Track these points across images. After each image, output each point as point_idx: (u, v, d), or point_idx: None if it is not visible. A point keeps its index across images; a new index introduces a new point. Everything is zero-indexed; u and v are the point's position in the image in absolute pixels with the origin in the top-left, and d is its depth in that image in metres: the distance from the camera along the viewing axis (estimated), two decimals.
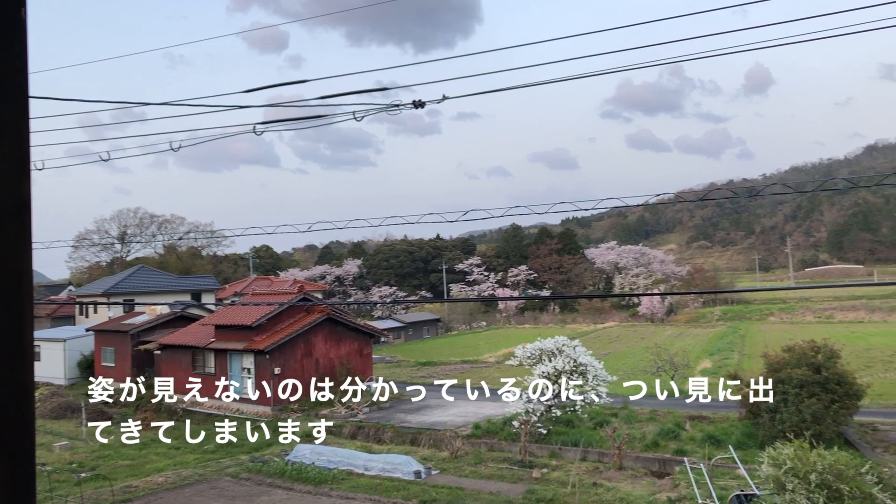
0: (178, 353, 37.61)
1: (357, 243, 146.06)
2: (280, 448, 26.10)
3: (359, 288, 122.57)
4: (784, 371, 21.56)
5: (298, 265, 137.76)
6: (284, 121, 11.09)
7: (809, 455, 12.77)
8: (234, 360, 35.15)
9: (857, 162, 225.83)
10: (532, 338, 30.65)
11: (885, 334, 59.33)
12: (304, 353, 35.30)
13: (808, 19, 8.10)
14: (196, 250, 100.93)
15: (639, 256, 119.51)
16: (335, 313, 37.96)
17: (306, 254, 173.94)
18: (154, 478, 22.52)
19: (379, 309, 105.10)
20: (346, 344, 37.68)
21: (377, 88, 10.32)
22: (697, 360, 48.33)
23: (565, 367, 26.48)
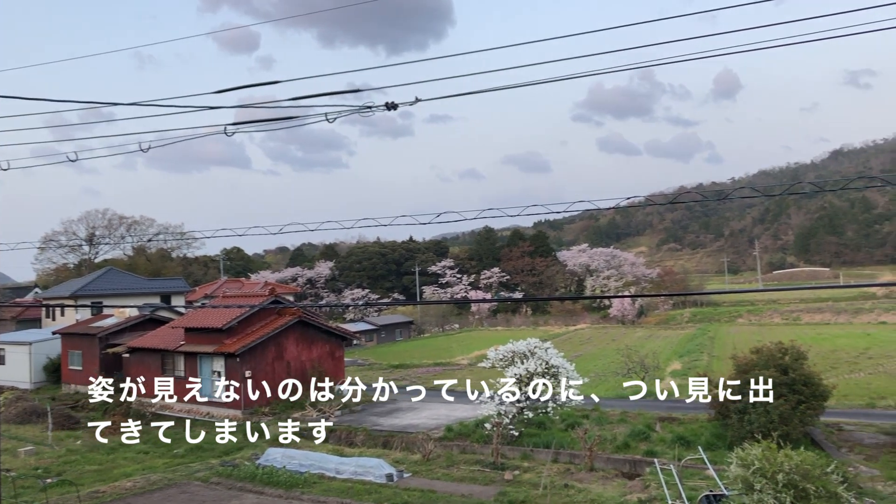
0: (148, 357, 37.15)
1: (329, 245, 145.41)
2: (251, 451, 25.89)
3: (331, 290, 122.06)
4: (752, 372, 21.81)
5: (270, 267, 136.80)
6: (256, 122, 11.02)
7: (777, 455, 12.94)
8: (205, 363, 34.80)
9: (823, 166, 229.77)
10: (504, 340, 30.75)
11: (849, 336, 60.39)
12: (276, 355, 35.05)
13: (774, 25, 8.23)
14: (166, 252, 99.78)
15: (610, 259, 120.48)
16: (307, 316, 37.74)
17: (278, 256, 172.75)
18: (122, 483, 22.20)
19: (351, 311, 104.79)
20: (317, 347, 37.48)
21: (349, 90, 10.29)
22: (667, 361, 48.78)
23: (537, 369, 26.59)
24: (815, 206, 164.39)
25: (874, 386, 34.91)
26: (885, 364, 41.89)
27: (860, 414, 28.19)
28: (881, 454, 21.25)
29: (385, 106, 9.98)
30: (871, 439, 23.31)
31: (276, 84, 10.40)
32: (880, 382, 35.97)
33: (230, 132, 10.86)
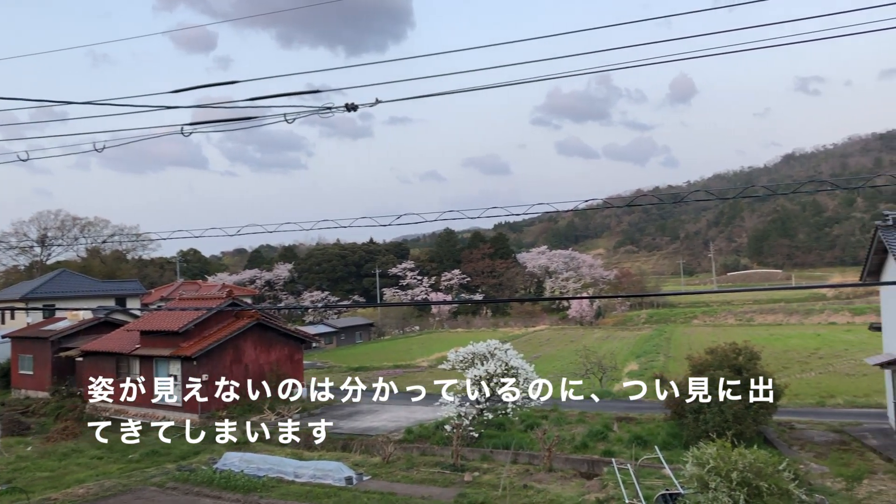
0: (102, 360, 36.43)
1: (288, 247, 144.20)
2: (208, 456, 25.56)
3: (290, 292, 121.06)
4: (707, 372, 22.19)
5: (227, 269, 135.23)
6: (213, 122, 10.90)
7: (731, 454, 13.19)
8: (161, 366, 34.25)
9: (776, 170, 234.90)
10: (465, 342, 30.83)
11: (801, 336, 61.81)
12: (233, 359, 34.65)
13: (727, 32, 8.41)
14: (121, 254, 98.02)
15: (568, 261, 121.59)
16: (265, 318, 37.37)
17: (235, 258, 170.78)
18: (75, 489, 21.72)
19: (310, 314, 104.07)
20: (276, 349, 37.15)
21: (309, 91, 10.24)
22: (625, 362, 49.39)
23: (497, 370, 26.71)
24: (767, 209, 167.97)
25: (824, 385, 35.79)
26: (834, 364, 42.96)
27: (811, 412, 28.87)
28: (830, 451, 21.79)
29: (345, 107, 9.96)
30: (821, 437, 23.89)
31: (235, 84, 10.31)
32: (830, 381, 36.89)
33: (187, 132, 10.73)
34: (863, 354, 36.52)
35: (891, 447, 21.65)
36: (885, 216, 22.12)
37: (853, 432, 24.15)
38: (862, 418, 26.79)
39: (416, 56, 11.01)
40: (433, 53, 12.73)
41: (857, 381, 36.13)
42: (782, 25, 8.22)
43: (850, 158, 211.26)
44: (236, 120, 10.73)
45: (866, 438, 23.09)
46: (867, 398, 31.04)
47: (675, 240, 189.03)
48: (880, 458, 20.60)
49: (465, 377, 27.17)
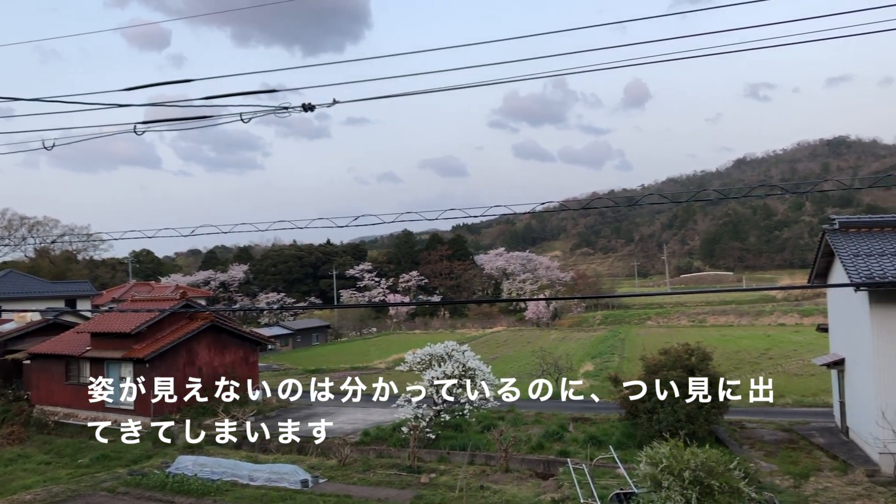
0: (51, 363, 35.56)
1: (244, 248, 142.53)
2: (160, 459, 25.13)
3: (245, 294, 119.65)
4: (660, 373, 22.52)
5: (181, 270, 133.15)
6: (167, 121, 10.74)
7: (684, 453, 13.41)
8: (112, 369, 33.56)
9: (727, 174, 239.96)
10: (422, 343, 30.82)
11: (752, 337, 63.11)
12: (187, 361, 34.12)
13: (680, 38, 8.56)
14: (71, 254, 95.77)
15: (526, 262, 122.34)
16: (220, 320, 36.88)
17: (189, 258, 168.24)
18: (21, 496, 21.16)
19: (266, 315, 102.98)
20: (231, 352, 36.69)
21: (265, 90, 10.14)
22: (580, 363, 49.86)
23: (455, 372, 26.76)
24: (719, 212, 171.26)
25: (774, 385, 36.41)
26: (783, 364, 43.95)
27: (760, 412, 29.49)
28: (779, 450, 22.29)
29: (302, 107, 9.89)
30: (771, 436, 24.42)
31: (189, 83, 10.17)
32: (779, 382, 37.65)
33: (140, 131, 10.55)
34: (811, 355, 37.45)
35: (836, 445, 22.24)
36: (832, 220, 22.70)
37: (801, 431, 24.75)
38: (810, 417, 27.47)
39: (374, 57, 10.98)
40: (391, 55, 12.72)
41: (806, 380, 37.01)
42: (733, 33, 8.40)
43: (798, 163, 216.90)
44: (191, 119, 10.58)
45: (814, 437, 23.68)
46: (815, 397, 31.83)
47: (630, 242, 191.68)
48: (826, 456, 21.14)
49: (422, 379, 27.16)
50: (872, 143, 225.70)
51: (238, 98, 9.77)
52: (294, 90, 10.78)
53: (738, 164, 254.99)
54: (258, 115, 10.16)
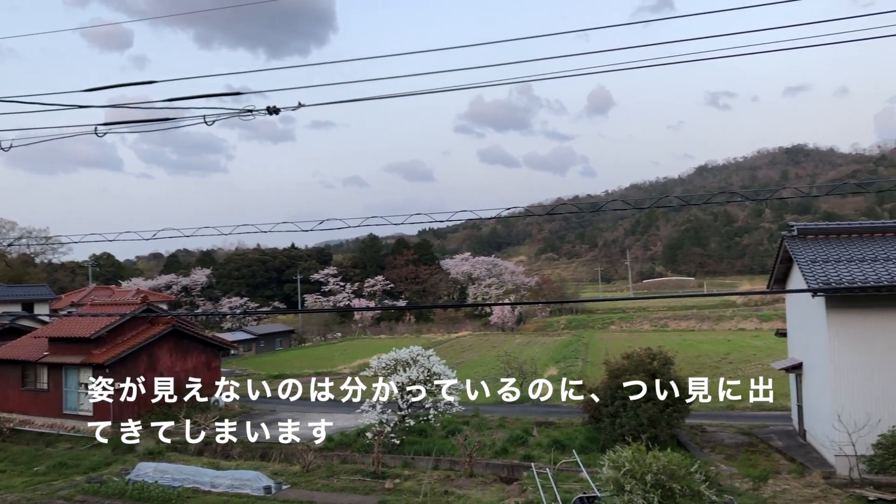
0: (6, 369, 34.77)
1: (206, 252, 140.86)
2: (120, 467, 24.69)
3: (207, 298, 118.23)
4: (623, 377, 22.75)
5: (142, 274, 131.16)
6: (130, 122, 10.59)
7: (646, 457, 13.55)
8: (71, 374, 32.93)
9: (689, 181, 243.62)
10: (387, 348, 30.70)
11: (712, 342, 64.02)
12: (148, 366, 33.61)
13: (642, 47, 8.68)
14: (29, 258, 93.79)
15: (491, 267, 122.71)
16: (181, 325, 36.40)
17: (151, 262, 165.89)
18: None
19: (229, 320, 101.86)
20: (192, 357, 36.23)
21: (229, 93, 10.05)
22: (545, 367, 50.11)
23: (419, 376, 26.72)
24: (681, 218, 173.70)
25: (733, 389, 37.08)
26: (743, 368, 44.64)
27: (721, 416, 29.93)
28: (739, 453, 22.64)
29: (267, 110, 9.82)
30: (731, 439, 24.80)
31: (152, 84, 10.04)
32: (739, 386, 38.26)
33: (101, 132, 10.38)
34: (770, 359, 38.04)
35: (794, 448, 22.66)
36: (791, 227, 23.15)
37: (760, 434, 25.18)
38: (769, 421, 27.94)
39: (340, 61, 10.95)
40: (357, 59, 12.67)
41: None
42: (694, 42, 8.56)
43: (758, 171, 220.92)
44: (154, 121, 10.45)
45: (772, 440, 24.10)
46: (774, 401, 32.36)
47: (594, 247, 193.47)
48: (785, 459, 21.53)
49: (387, 384, 27.06)
50: (830, 151, 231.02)
51: (201, 100, 9.67)
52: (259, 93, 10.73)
53: (699, 171, 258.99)
54: (222, 117, 10.06)
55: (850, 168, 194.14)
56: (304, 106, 9.95)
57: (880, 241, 21.72)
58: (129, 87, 9.98)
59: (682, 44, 8.65)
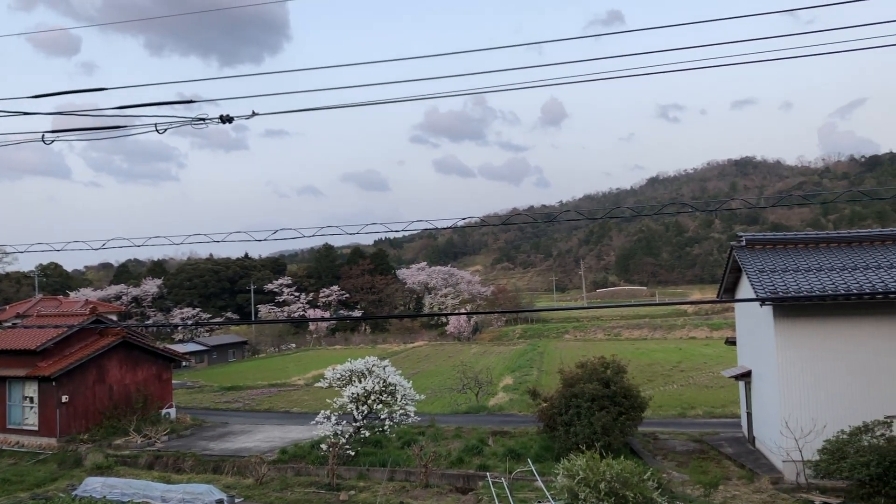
0: None
1: (157, 262, 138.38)
2: (66, 482, 24.04)
3: (159, 309, 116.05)
4: (577, 386, 22.95)
5: (91, 285, 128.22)
6: (79, 130, 10.37)
7: (599, 465, 13.70)
8: (15, 388, 32.00)
9: (641, 192, 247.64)
10: (343, 359, 30.52)
11: (664, 350, 64.96)
12: (97, 379, 32.84)
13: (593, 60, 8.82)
14: None
15: (447, 277, 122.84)
16: (132, 336, 35.67)
17: (100, 272, 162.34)
18: None
19: (180, 331, 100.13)
20: (143, 369, 35.51)
21: (181, 101, 9.93)
22: (500, 376, 50.29)
23: (375, 387, 26.60)
24: (634, 229, 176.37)
25: (685, 397, 37.75)
26: (694, 376, 45.40)
27: (673, 423, 30.38)
28: (691, 460, 23.00)
29: (220, 118, 9.73)
30: (683, 446, 25.18)
31: (103, 91, 9.88)
32: (690, 394, 38.95)
33: (49, 140, 10.16)
34: (720, 367, 38.80)
35: (744, 454, 23.10)
36: (740, 237, 23.67)
37: (711, 441, 25.61)
38: (719, 428, 28.44)
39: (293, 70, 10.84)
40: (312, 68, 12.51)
41: (715, 392, 38.32)
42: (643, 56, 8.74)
43: (708, 182, 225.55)
44: (104, 129, 10.26)
45: (723, 447, 24.54)
46: (724, 408, 32.98)
47: (549, 257, 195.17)
48: (735, 465, 21.94)
49: (342, 395, 26.89)
50: (777, 163, 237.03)
51: (153, 108, 9.54)
52: (211, 101, 10.60)
53: (651, 182, 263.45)
54: (174, 126, 9.94)
55: (797, 180, 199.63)
56: (259, 115, 9.89)
57: (825, 251, 22.35)
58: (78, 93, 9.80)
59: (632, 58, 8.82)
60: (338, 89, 18.78)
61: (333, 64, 22.63)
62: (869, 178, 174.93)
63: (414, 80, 9.64)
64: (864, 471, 16.24)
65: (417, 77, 19.02)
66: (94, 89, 10.17)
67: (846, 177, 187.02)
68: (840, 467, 16.89)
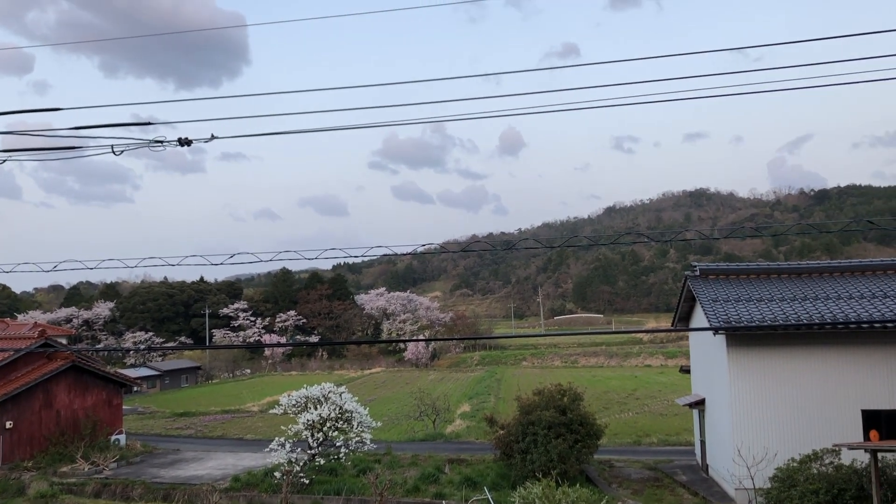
0: None
1: (110, 284, 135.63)
2: None
3: (110, 333, 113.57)
4: (534, 413, 23.01)
5: (40, 307, 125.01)
6: (32, 150, 10.19)
7: (556, 493, 13.72)
8: None
9: (598, 221, 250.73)
10: (299, 385, 30.16)
11: (620, 378, 65.50)
12: (43, 404, 31.92)
13: (550, 92, 9.00)
14: None
15: (406, 303, 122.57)
16: (81, 360, 34.80)
17: (51, 294, 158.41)
18: None
19: (132, 356, 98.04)
20: (92, 394, 34.64)
21: (139, 122, 9.83)
22: (458, 403, 50.15)
23: (331, 414, 26.31)
24: (591, 257, 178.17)
25: (640, 425, 38.06)
26: (649, 404, 45.83)
27: (628, 451, 30.58)
28: (645, 488, 23.14)
29: (178, 141, 9.65)
30: (637, 474, 25.33)
31: (57, 111, 9.75)
32: (645, 422, 39.28)
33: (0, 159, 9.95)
34: (674, 395, 39.25)
35: (697, 482, 23.33)
36: (694, 267, 24.11)
37: (665, 469, 25.82)
38: (674, 455, 28.71)
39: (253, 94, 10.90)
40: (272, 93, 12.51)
41: (670, 420, 38.71)
42: (598, 89, 8.94)
43: (664, 213, 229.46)
44: (58, 149, 10.10)
45: (677, 474, 24.75)
46: (678, 436, 33.32)
47: (508, 284, 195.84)
48: (688, 493, 22.13)
49: (297, 422, 26.53)
50: (730, 195, 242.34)
51: (109, 129, 9.42)
52: (168, 124, 10.50)
53: (608, 211, 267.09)
54: (131, 147, 9.82)
55: (749, 212, 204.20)
56: (218, 138, 9.83)
57: (776, 281, 22.87)
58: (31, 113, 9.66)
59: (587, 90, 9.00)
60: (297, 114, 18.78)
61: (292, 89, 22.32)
62: (818, 210, 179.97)
63: (373, 108, 9.69)
64: (814, 498, 16.49)
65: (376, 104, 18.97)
66: (48, 109, 10.02)
67: (796, 209, 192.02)
68: (790, 495, 17.12)
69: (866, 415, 19.15)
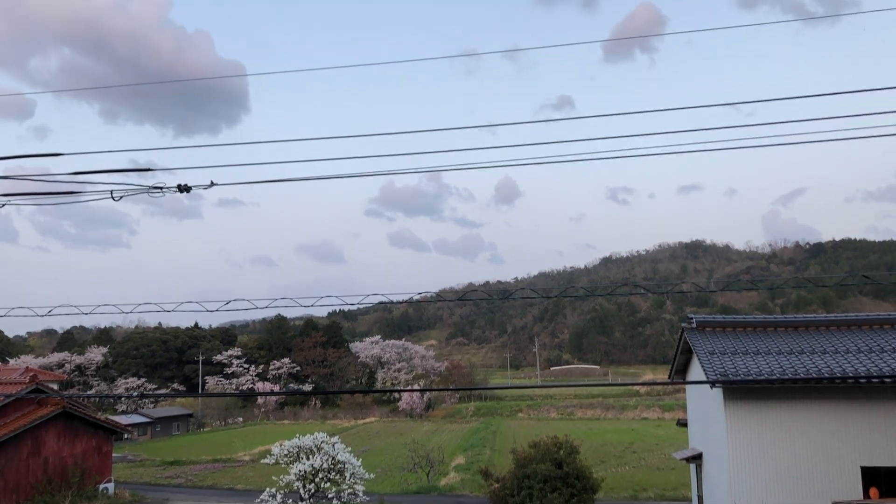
0: None
1: (104, 329, 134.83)
2: None
3: (103, 378, 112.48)
4: (530, 466, 22.70)
5: (33, 351, 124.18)
6: (31, 195, 10.24)
7: None
8: None
9: (594, 271, 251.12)
10: (291, 434, 29.80)
11: (617, 431, 64.81)
12: (31, 451, 31.44)
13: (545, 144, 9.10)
14: None
15: (401, 351, 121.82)
16: (72, 406, 34.40)
17: (44, 339, 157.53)
18: None
19: (124, 402, 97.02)
20: (82, 441, 34.15)
21: (138, 168, 9.90)
22: (452, 455, 49.49)
23: (323, 465, 25.95)
24: (587, 307, 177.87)
25: (637, 479, 37.54)
26: (646, 458, 45.27)
27: None
28: None
29: (177, 188, 9.71)
30: None
31: (57, 157, 9.81)
32: (642, 475, 38.76)
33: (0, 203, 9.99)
34: (671, 449, 38.80)
35: None
36: (690, 319, 24.04)
37: None
38: None
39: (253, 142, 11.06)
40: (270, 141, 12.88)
41: (667, 474, 38.20)
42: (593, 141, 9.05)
43: (660, 264, 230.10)
44: (57, 194, 10.14)
45: None
46: (675, 491, 32.85)
47: (504, 333, 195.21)
48: None
49: (289, 472, 26.15)
50: (726, 247, 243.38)
51: (108, 175, 9.48)
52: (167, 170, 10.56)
53: (604, 262, 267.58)
54: (131, 193, 9.87)
55: (745, 264, 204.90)
56: (217, 185, 9.89)
57: (773, 334, 22.79)
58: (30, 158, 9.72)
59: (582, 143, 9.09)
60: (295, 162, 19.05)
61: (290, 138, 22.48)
62: (813, 264, 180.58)
63: (370, 157, 9.78)
64: None
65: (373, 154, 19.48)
66: (49, 154, 10.10)
67: (792, 262, 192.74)
68: None
69: (866, 472, 18.91)
